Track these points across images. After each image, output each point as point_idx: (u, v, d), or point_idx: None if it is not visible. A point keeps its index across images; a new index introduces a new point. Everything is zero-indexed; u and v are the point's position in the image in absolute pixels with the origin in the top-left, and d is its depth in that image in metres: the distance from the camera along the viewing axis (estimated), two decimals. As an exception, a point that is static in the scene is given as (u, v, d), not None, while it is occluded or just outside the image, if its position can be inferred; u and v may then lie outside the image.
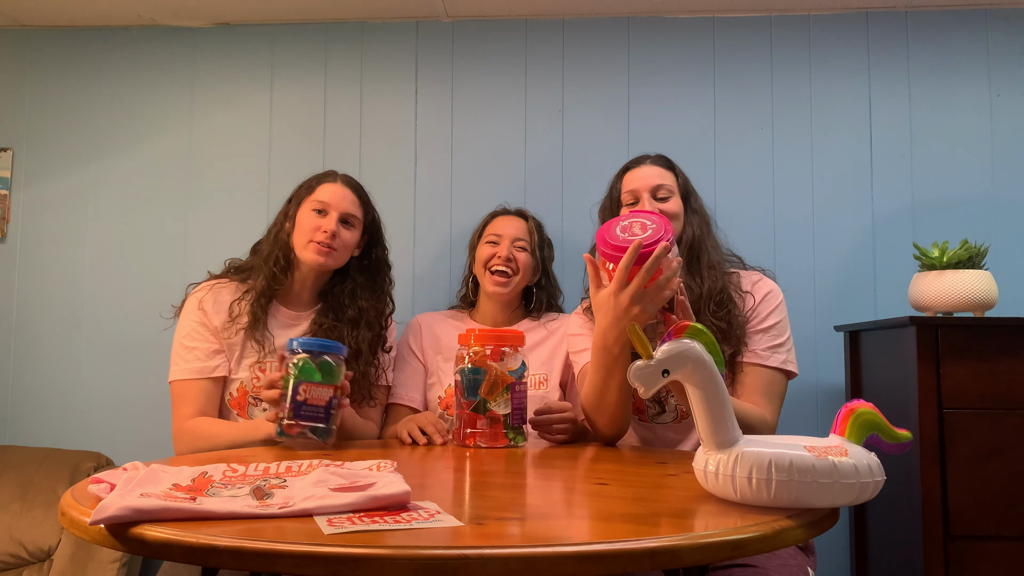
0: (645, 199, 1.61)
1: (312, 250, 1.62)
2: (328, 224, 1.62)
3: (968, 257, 1.77)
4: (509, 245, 1.80)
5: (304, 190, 1.69)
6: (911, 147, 2.19)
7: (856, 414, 0.88)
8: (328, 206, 1.64)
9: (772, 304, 1.58)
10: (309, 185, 1.69)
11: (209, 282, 1.69)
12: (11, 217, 2.33)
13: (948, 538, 1.62)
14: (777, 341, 1.55)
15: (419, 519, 0.77)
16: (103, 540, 0.76)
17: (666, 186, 1.62)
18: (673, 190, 1.63)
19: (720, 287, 1.56)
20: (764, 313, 1.56)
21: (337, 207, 1.64)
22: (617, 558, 0.69)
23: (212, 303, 1.63)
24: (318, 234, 1.62)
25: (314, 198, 1.65)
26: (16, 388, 2.29)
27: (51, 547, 1.99)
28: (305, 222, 1.64)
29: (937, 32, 2.21)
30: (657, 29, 2.28)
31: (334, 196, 1.65)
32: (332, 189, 1.66)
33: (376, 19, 2.33)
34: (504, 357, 1.41)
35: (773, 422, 1.51)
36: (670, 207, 1.60)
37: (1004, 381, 1.64)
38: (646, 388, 0.90)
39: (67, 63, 2.37)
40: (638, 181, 1.63)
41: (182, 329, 1.63)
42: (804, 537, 0.81)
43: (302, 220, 1.65)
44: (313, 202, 1.65)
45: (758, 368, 1.53)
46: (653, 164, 1.66)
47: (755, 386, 1.52)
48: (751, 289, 1.60)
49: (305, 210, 1.65)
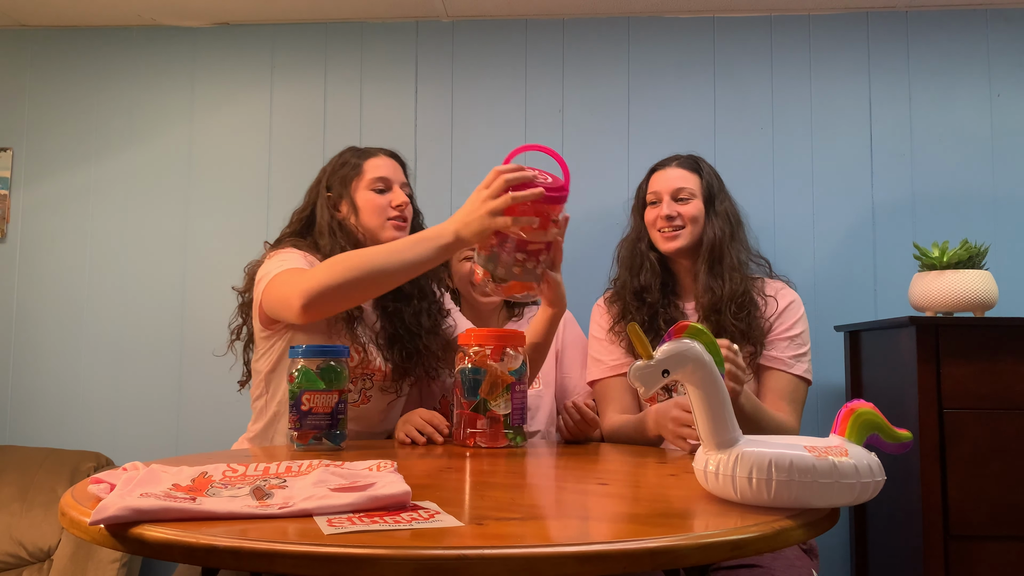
0: (665, 201, 1.67)
1: (391, 227, 1.59)
2: (397, 197, 1.60)
3: (968, 257, 1.77)
4: None
5: (350, 170, 1.62)
6: (911, 147, 2.19)
7: (856, 414, 0.88)
8: (388, 181, 1.61)
9: (797, 313, 1.64)
10: (353, 164, 1.63)
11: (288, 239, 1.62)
12: (11, 217, 2.33)
13: (948, 538, 1.62)
14: (801, 350, 1.61)
15: (419, 519, 0.77)
16: (103, 540, 0.76)
17: (687, 189, 1.67)
18: (695, 193, 1.67)
19: (743, 290, 1.61)
20: (790, 321, 1.62)
21: (395, 178, 1.63)
22: (617, 558, 0.69)
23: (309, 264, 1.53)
24: (390, 211, 1.59)
25: (370, 176, 1.60)
26: (16, 388, 2.29)
27: (51, 547, 1.99)
28: (371, 203, 1.59)
29: (937, 32, 2.21)
30: (657, 29, 2.28)
31: (388, 168, 1.62)
32: (382, 163, 1.63)
33: (376, 19, 2.33)
34: (504, 357, 1.41)
35: (797, 428, 1.59)
36: (688, 209, 1.66)
37: (1004, 381, 1.64)
38: (646, 388, 0.90)
39: (67, 63, 2.37)
40: (661, 183, 1.69)
41: (280, 256, 1.48)
42: (804, 537, 0.81)
43: (365, 203, 1.60)
44: (370, 181, 1.60)
45: (784, 375, 1.59)
46: (679, 167, 1.71)
47: (782, 392, 1.58)
48: (775, 295, 1.65)
49: (363, 192, 1.60)
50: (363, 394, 1.59)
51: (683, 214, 1.65)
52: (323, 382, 1.32)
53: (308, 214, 1.66)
